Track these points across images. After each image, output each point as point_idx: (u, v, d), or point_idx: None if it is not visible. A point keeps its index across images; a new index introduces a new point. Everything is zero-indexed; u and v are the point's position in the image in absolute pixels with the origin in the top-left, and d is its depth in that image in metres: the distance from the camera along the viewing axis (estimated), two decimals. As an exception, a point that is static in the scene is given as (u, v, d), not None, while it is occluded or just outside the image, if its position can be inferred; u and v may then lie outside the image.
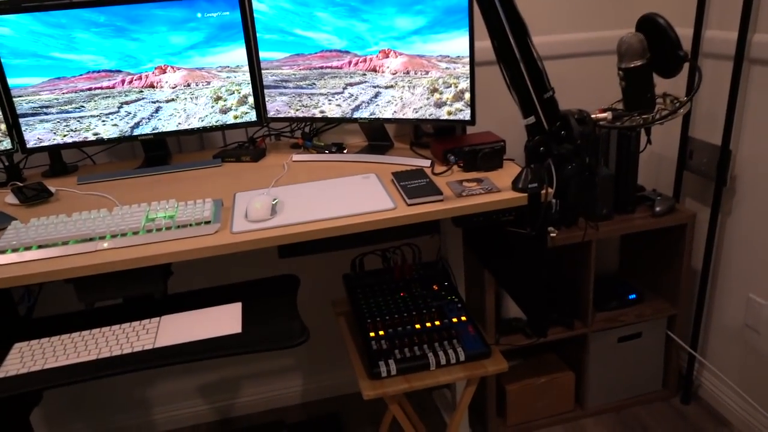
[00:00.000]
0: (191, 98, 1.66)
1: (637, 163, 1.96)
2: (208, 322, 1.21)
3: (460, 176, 1.47)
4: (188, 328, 1.19)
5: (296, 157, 1.70)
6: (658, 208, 1.97)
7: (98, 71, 1.61)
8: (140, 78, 1.63)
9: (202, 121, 1.69)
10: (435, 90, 1.51)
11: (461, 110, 1.51)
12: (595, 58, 2.10)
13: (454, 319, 1.58)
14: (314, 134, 1.82)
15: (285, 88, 1.67)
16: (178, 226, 1.26)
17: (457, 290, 1.70)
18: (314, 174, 1.58)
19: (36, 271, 1.16)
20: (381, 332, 1.54)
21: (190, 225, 1.27)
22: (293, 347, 1.09)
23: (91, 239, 1.23)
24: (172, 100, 1.65)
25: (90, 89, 1.62)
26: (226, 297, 1.31)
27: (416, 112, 1.56)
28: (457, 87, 1.49)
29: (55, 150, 1.69)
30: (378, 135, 1.73)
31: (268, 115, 1.72)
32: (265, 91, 1.69)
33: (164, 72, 1.62)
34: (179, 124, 1.68)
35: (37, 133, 1.63)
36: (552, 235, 1.92)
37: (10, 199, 1.51)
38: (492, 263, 1.73)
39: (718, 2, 1.81)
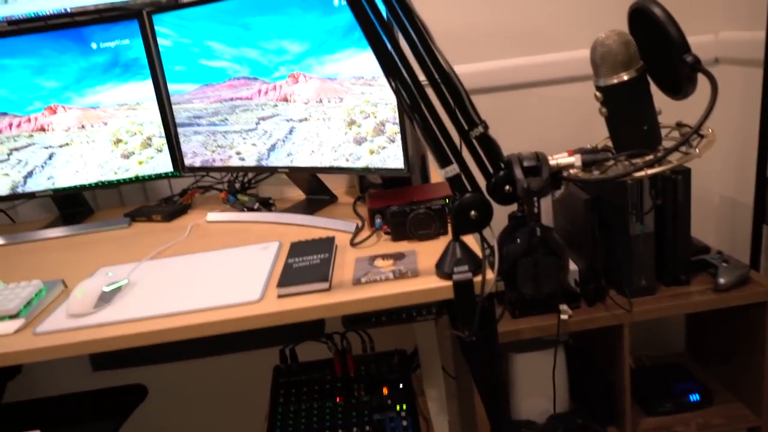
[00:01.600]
0: (87, 141, 1.36)
1: (689, 215, 1.41)
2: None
3: (382, 248, 1.04)
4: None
5: (211, 216, 1.35)
6: (722, 280, 1.40)
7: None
8: (29, 120, 1.36)
9: (102, 168, 1.38)
10: (352, 122, 1.11)
11: (384, 148, 1.09)
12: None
13: (396, 443, 1.14)
14: (248, 186, 1.46)
15: (198, 125, 1.33)
16: (-25, 322, 0.94)
17: (414, 396, 1.25)
18: (218, 240, 1.22)
19: None
20: (294, 456, 1.13)
21: (-7, 320, 0.94)
22: None
23: None
24: (67, 144, 1.37)
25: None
26: (33, 419, 0.96)
27: (335, 151, 1.16)
28: (375, 117, 1.08)
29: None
30: (314, 187, 1.34)
31: (186, 159, 1.39)
32: (179, 129, 1.36)
33: (54, 113, 1.35)
34: (77, 172, 1.39)
35: None
36: (564, 317, 1.43)
37: None
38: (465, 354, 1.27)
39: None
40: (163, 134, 1.37)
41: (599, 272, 1.45)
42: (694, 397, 1.55)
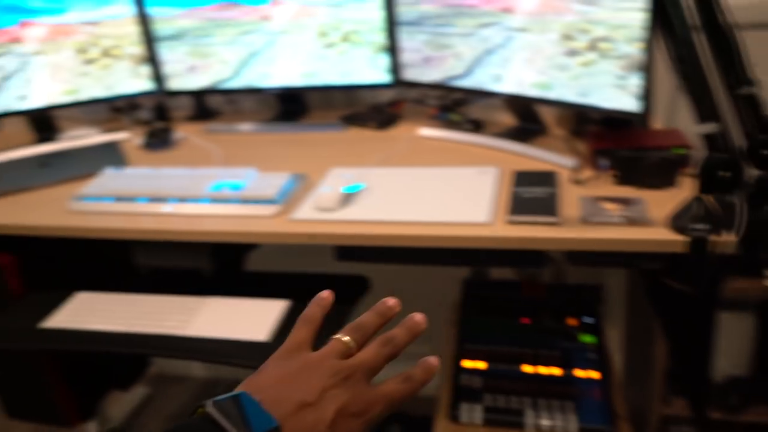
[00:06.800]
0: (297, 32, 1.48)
1: None
2: (243, 319, 1.05)
3: (607, 190, 1.05)
4: (221, 321, 1.05)
5: (425, 131, 1.42)
6: None
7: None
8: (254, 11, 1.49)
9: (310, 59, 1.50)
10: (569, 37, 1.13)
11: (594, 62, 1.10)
12: None
13: (580, 373, 1.20)
14: (458, 104, 1.51)
15: (422, 25, 1.38)
16: (241, 201, 1.11)
17: (602, 332, 1.29)
18: (433, 156, 1.29)
19: (97, 226, 1.11)
20: (480, 364, 1.24)
21: (254, 201, 1.10)
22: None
23: (157, 199, 1.15)
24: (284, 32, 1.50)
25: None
26: (281, 289, 1.13)
27: (550, 60, 1.19)
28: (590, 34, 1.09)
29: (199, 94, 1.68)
30: (526, 114, 1.35)
31: (405, 54, 1.44)
32: (401, 27, 1.41)
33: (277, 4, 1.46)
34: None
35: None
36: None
37: (138, 141, 1.52)
38: (657, 306, 1.27)
39: None
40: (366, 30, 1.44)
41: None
42: None
